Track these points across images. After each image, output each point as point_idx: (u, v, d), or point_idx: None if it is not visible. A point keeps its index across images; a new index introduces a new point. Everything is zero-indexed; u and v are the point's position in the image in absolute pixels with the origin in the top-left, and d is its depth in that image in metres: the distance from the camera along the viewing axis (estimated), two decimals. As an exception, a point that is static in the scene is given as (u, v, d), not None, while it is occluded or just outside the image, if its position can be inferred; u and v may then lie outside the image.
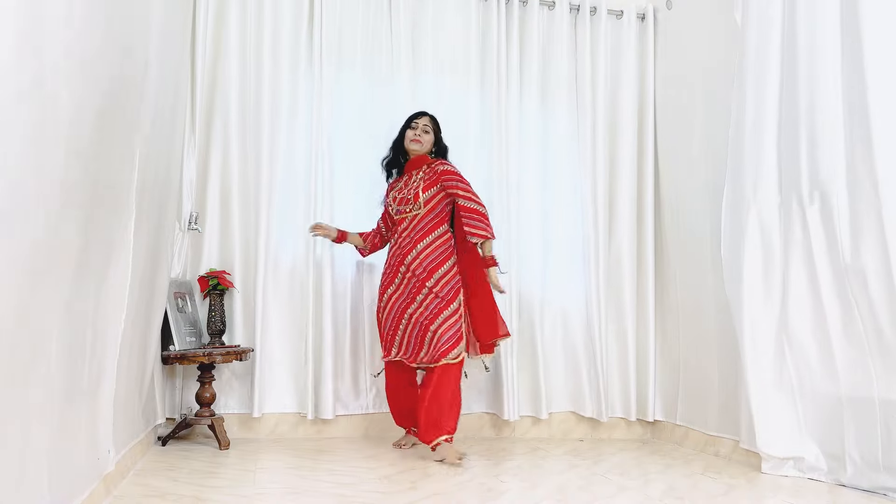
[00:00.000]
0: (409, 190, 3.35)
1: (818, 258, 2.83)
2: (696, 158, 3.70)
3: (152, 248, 2.74)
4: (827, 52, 2.82)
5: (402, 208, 3.35)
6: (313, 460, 3.07)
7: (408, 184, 3.38)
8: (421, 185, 3.32)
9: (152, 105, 2.49)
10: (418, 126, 3.42)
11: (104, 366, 2.17)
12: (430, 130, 3.43)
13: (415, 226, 3.31)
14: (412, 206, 3.31)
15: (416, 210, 3.31)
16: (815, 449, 2.87)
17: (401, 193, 3.38)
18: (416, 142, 3.39)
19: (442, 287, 3.21)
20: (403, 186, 3.39)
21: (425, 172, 3.36)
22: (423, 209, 3.31)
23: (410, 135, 3.41)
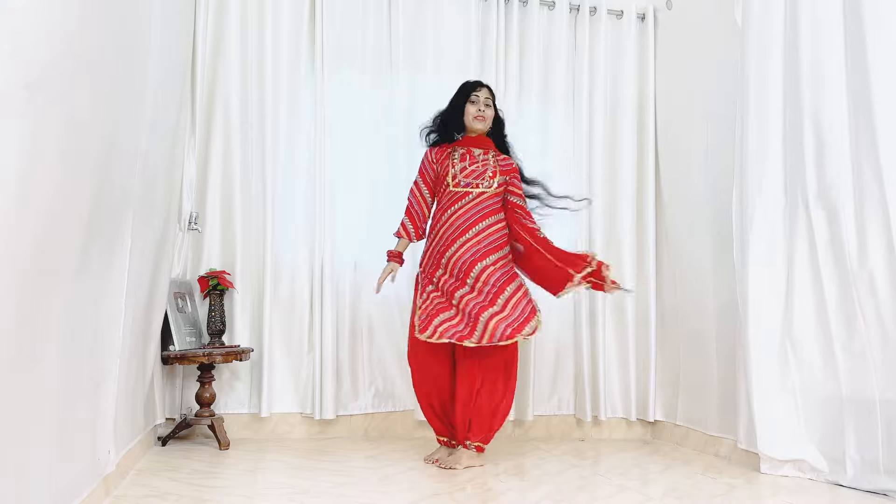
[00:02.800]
0: (482, 165, 3.07)
1: (823, 260, 2.83)
2: (697, 159, 3.70)
3: (152, 248, 2.74)
4: (830, 51, 2.82)
5: (472, 181, 3.05)
6: (313, 460, 3.07)
7: (475, 159, 3.10)
8: (497, 168, 3.09)
9: (152, 105, 2.49)
10: (479, 100, 3.15)
11: (105, 366, 2.17)
12: (492, 104, 3.19)
13: (481, 202, 3.03)
14: (485, 181, 3.04)
15: (486, 187, 3.04)
16: (815, 450, 2.87)
17: (472, 166, 3.07)
18: (480, 119, 3.12)
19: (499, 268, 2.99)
20: (471, 160, 3.10)
21: (496, 159, 3.13)
22: (493, 189, 3.07)
23: (473, 111, 3.13)
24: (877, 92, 2.64)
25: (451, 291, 2.97)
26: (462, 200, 3.05)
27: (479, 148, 3.16)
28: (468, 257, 2.98)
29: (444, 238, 3.03)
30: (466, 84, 3.22)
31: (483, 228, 3.02)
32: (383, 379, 3.80)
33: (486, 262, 2.98)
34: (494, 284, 2.96)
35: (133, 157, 2.24)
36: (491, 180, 3.06)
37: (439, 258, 3.04)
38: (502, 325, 2.86)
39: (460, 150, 3.15)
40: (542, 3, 4.08)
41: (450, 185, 3.07)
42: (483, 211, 3.05)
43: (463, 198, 3.05)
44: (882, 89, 2.64)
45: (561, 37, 4.10)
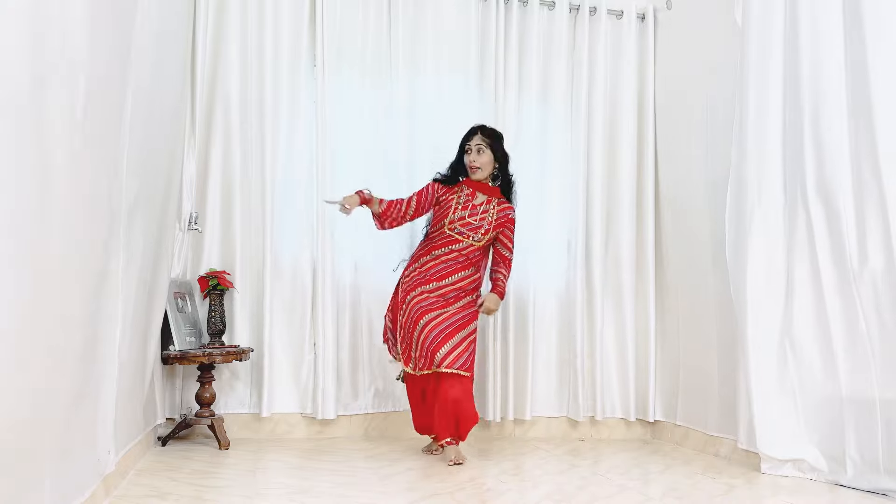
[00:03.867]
0: (479, 219, 3.24)
1: (822, 259, 2.83)
2: (696, 159, 3.70)
3: (152, 249, 2.74)
4: (830, 51, 2.82)
5: (465, 231, 3.23)
6: (313, 460, 3.07)
7: (476, 209, 3.26)
8: (493, 224, 3.26)
9: (152, 105, 2.49)
10: (472, 149, 3.30)
11: (105, 366, 2.17)
12: (486, 147, 3.29)
13: (469, 253, 3.24)
14: (476, 235, 3.23)
15: (476, 241, 3.24)
16: (815, 450, 2.87)
17: (469, 214, 3.24)
18: (475, 169, 3.27)
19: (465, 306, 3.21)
20: (471, 209, 3.26)
21: (497, 210, 3.29)
22: (482, 242, 3.25)
23: (467, 161, 3.30)
24: (876, 92, 2.64)
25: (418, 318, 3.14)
26: (452, 246, 3.24)
27: (484, 194, 3.31)
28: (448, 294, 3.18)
29: (433, 270, 3.22)
30: (465, 134, 3.36)
31: (465, 276, 3.24)
32: (383, 379, 3.80)
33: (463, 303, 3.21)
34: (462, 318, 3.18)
35: (133, 157, 2.24)
36: (483, 236, 3.25)
37: (423, 283, 3.21)
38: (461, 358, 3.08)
39: (466, 190, 3.32)
40: (542, 3, 4.08)
41: (446, 226, 3.25)
42: (467, 261, 3.25)
43: (454, 243, 3.24)
44: (881, 89, 2.64)
45: (561, 37, 4.09)
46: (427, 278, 3.21)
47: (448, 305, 3.18)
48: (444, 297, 3.19)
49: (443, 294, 3.19)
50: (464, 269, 3.23)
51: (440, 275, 3.21)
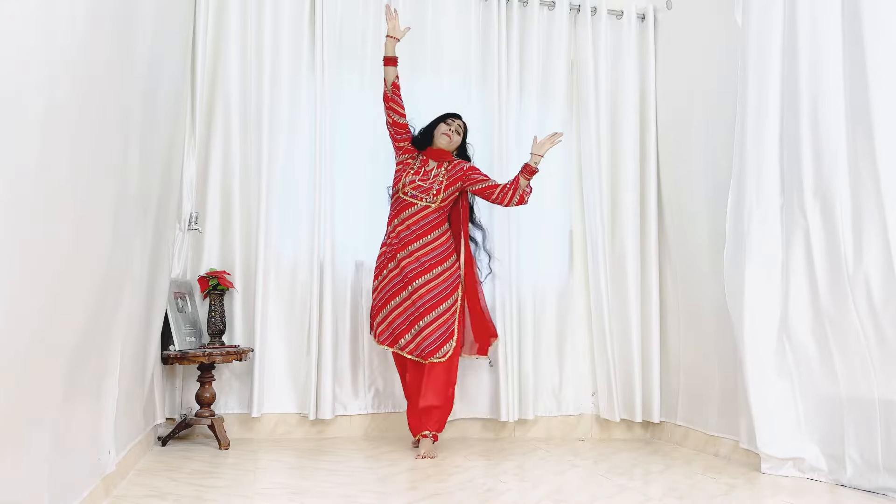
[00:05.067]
0: (430, 181, 3.38)
1: (819, 260, 2.83)
2: (697, 159, 3.70)
3: (153, 249, 2.74)
4: (829, 52, 2.83)
5: (416, 194, 3.37)
6: (313, 460, 3.07)
7: (427, 174, 3.41)
8: (444, 183, 3.39)
9: (153, 105, 2.49)
10: (452, 124, 3.47)
11: (106, 366, 2.17)
12: (461, 132, 3.50)
13: (423, 217, 3.36)
14: (428, 197, 3.37)
15: (429, 202, 3.37)
16: (815, 449, 2.87)
17: (420, 179, 3.39)
18: (447, 136, 3.44)
19: (438, 284, 3.32)
20: (423, 173, 3.41)
21: (448, 169, 3.43)
22: (436, 203, 3.38)
23: (443, 128, 3.45)
24: (875, 93, 2.64)
25: (392, 294, 3.35)
26: (409, 210, 3.38)
27: (438, 159, 3.46)
28: (415, 267, 3.33)
29: (401, 238, 3.37)
30: (449, 112, 3.55)
31: (428, 241, 3.36)
32: (383, 379, 3.80)
33: (429, 277, 3.32)
34: (433, 298, 3.31)
35: (134, 157, 2.25)
36: (435, 196, 3.37)
37: (395, 253, 3.37)
38: (424, 344, 3.26)
39: (421, 157, 3.48)
40: (542, 3, 4.09)
41: (400, 191, 3.42)
42: (427, 225, 3.37)
43: (409, 207, 3.38)
44: (880, 90, 2.64)
45: (561, 37, 4.10)
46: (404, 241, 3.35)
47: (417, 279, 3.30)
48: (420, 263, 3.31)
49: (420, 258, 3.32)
50: (426, 234, 3.35)
51: (408, 240, 3.34)
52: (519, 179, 3.32)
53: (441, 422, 3.30)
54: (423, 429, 3.26)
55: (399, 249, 3.35)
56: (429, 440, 3.24)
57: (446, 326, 3.30)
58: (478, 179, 3.40)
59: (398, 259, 3.35)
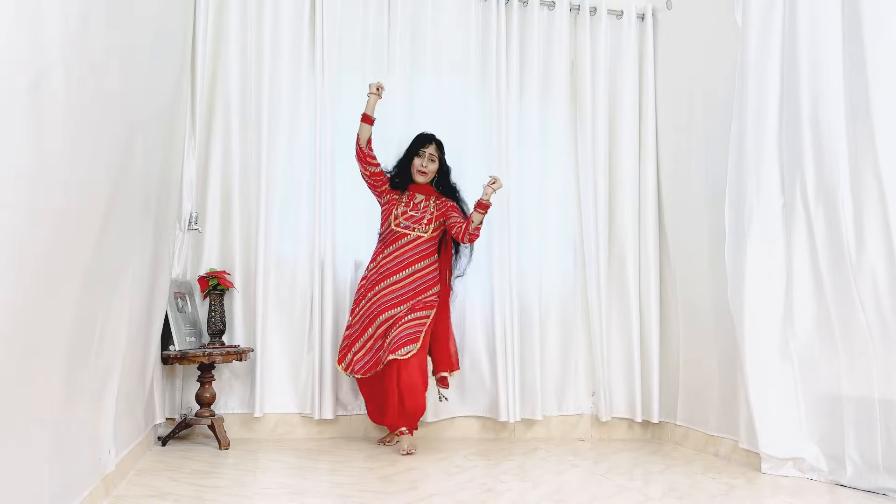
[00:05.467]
0: (420, 212, 3.49)
1: (822, 258, 2.83)
2: (696, 159, 3.70)
3: (153, 249, 2.74)
4: (828, 51, 2.83)
5: (409, 224, 3.46)
6: (313, 460, 3.07)
7: (417, 206, 3.51)
8: (434, 214, 3.50)
9: (152, 105, 2.49)
10: (425, 155, 3.54)
11: (108, 367, 2.17)
12: (436, 158, 3.57)
13: (416, 246, 3.46)
14: (420, 228, 3.47)
15: (422, 232, 3.47)
16: (816, 449, 2.87)
17: (411, 209, 3.49)
18: (423, 174, 3.54)
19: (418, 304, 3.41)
20: (414, 205, 3.51)
21: (435, 204, 3.54)
22: (428, 234, 3.48)
23: (418, 164, 3.53)
24: (875, 91, 2.64)
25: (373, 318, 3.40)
26: (401, 241, 3.46)
27: (422, 194, 3.56)
28: (405, 292, 3.41)
29: (385, 268, 3.45)
30: (418, 137, 3.58)
31: (415, 271, 3.44)
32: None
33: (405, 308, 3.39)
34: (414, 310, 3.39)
35: (136, 157, 2.25)
36: (427, 226, 3.47)
37: (379, 282, 3.44)
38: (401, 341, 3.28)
39: (407, 194, 3.56)
40: (542, 3, 4.08)
41: (391, 224, 3.49)
42: (419, 254, 3.46)
43: (401, 238, 3.46)
44: (880, 88, 2.64)
45: (561, 37, 4.10)
46: (384, 274, 3.42)
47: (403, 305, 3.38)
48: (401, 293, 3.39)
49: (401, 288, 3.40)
50: (417, 262, 3.44)
51: (396, 268, 3.42)
52: (472, 215, 3.37)
53: (414, 417, 3.36)
54: (401, 425, 3.33)
55: (384, 279, 3.42)
56: (408, 436, 3.32)
57: (414, 330, 3.33)
58: (451, 216, 3.50)
59: (383, 286, 3.41)
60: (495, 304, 3.83)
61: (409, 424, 3.34)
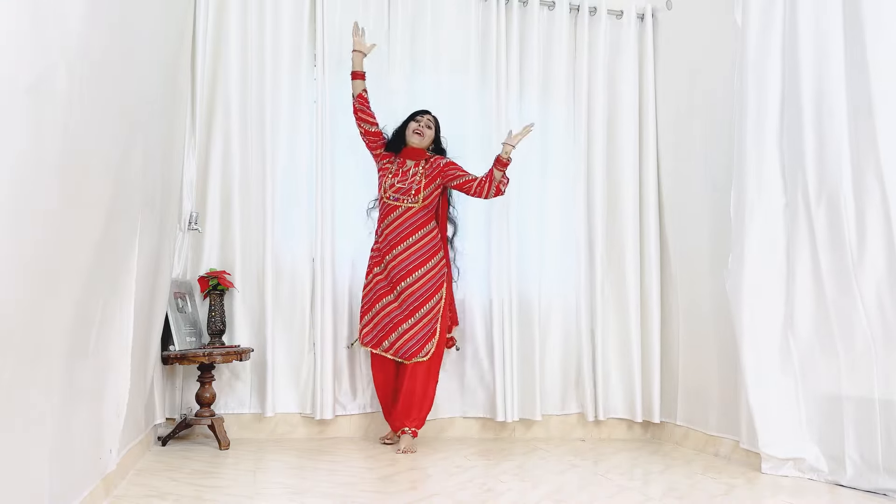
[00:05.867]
0: (408, 181, 3.46)
1: (823, 259, 2.83)
2: (697, 159, 3.70)
3: (154, 249, 2.74)
4: (829, 50, 2.82)
5: (398, 196, 3.45)
6: (313, 460, 3.08)
7: (406, 174, 3.48)
8: (423, 181, 3.46)
9: (153, 105, 2.49)
10: (422, 120, 3.55)
11: (110, 366, 2.18)
12: (432, 127, 3.57)
13: (407, 218, 3.45)
14: (410, 198, 3.44)
15: (411, 203, 3.45)
16: (816, 449, 2.87)
17: (399, 181, 3.47)
18: (418, 134, 3.51)
19: (423, 284, 3.41)
20: (401, 175, 3.48)
21: (425, 168, 3.50)
22: (419, 203, 3.45)
23: (413, 126, 3.53)
24: (877, 90, 2.65)
25: (378, 297, 3.44)
26: (393, 213, 3.47)
27: (415, 158, 3.54)
28: (399, 270, 3.42)
29: (388, 240, 3.46)
30: (416, 110, 3.62)
31: (415, 241, 3.44)
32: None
33: (412, 279, 3.41)
34: (417, 298, 3.40)
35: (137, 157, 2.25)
36: (416, 196, 3.45)
37: (383, 256, 3.47)
38: (407, 346, 3.35)
39: (398, 159, 3.56)
40: (542, 3, 4.09)
41: (383, 197, 3.51)
42: (413, 225, 3.45)
43: (394, 210, 3.47)
44: (882, 87, 2.64)
45: (561, 37, 4.10)
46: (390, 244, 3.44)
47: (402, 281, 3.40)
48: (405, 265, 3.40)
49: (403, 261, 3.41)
50: (410, 236, 3.43)
51: (393, 242, 3.44)
52: (493, 171, 3.38)
53: (421, 418, 3.39)
54: (404, 425, 3.34)
55: (387, 252, 3.45)
56: (408, 435, 3.32)
57: (429, 326, 3.38)
58: (455, 175, 3.46)
59: (385, 262, 3.45)
60: (494, 303, 3.83)
61: (417, 425, 3.37)
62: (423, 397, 3.39)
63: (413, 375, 3.36)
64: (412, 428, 3.35)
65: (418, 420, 3.38)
